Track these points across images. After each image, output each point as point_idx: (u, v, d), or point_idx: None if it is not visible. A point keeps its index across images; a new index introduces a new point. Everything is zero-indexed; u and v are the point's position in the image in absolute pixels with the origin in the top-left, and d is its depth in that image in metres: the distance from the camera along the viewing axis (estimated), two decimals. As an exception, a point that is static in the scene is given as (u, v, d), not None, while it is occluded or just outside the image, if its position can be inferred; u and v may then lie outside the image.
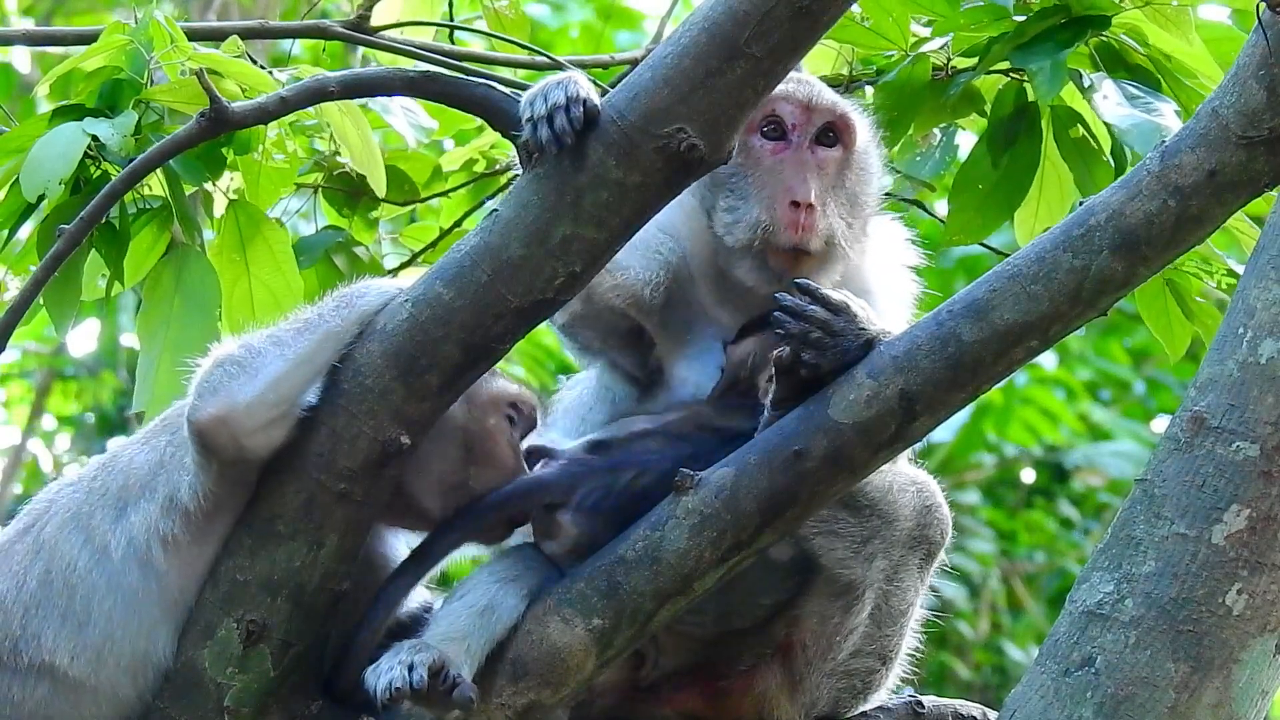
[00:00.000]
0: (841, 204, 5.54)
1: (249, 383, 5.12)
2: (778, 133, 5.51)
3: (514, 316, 5.15)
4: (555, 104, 5.05)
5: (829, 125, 5.55)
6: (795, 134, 5.52)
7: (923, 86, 6.19)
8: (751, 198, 5.50)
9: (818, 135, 5.55)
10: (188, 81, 5.79)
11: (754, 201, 5.49)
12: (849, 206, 5.56)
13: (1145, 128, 5.76)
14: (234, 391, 5.12)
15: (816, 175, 5.50)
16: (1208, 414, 4.96)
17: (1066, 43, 5.91)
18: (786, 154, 5.52)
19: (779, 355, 5.17)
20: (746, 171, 5.51)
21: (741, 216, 5.49)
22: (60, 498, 5.30)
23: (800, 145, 5.52)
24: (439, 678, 5.10)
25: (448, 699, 5.11)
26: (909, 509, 5.45)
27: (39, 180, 5.65)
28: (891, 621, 5.48)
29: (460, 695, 5.11)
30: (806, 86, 5.55)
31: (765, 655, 5.48)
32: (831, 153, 5.55)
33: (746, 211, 5.49)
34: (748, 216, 5.48)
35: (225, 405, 5.11)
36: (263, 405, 5.12)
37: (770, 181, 5.50)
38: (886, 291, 5.62)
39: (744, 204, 5.50)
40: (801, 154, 5.52)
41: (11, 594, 5.21)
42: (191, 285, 5.99)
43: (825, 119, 5.54)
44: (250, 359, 5.15)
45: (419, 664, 5.09)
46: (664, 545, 5.20)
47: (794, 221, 5.45)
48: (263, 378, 5.12)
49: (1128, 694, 4.92)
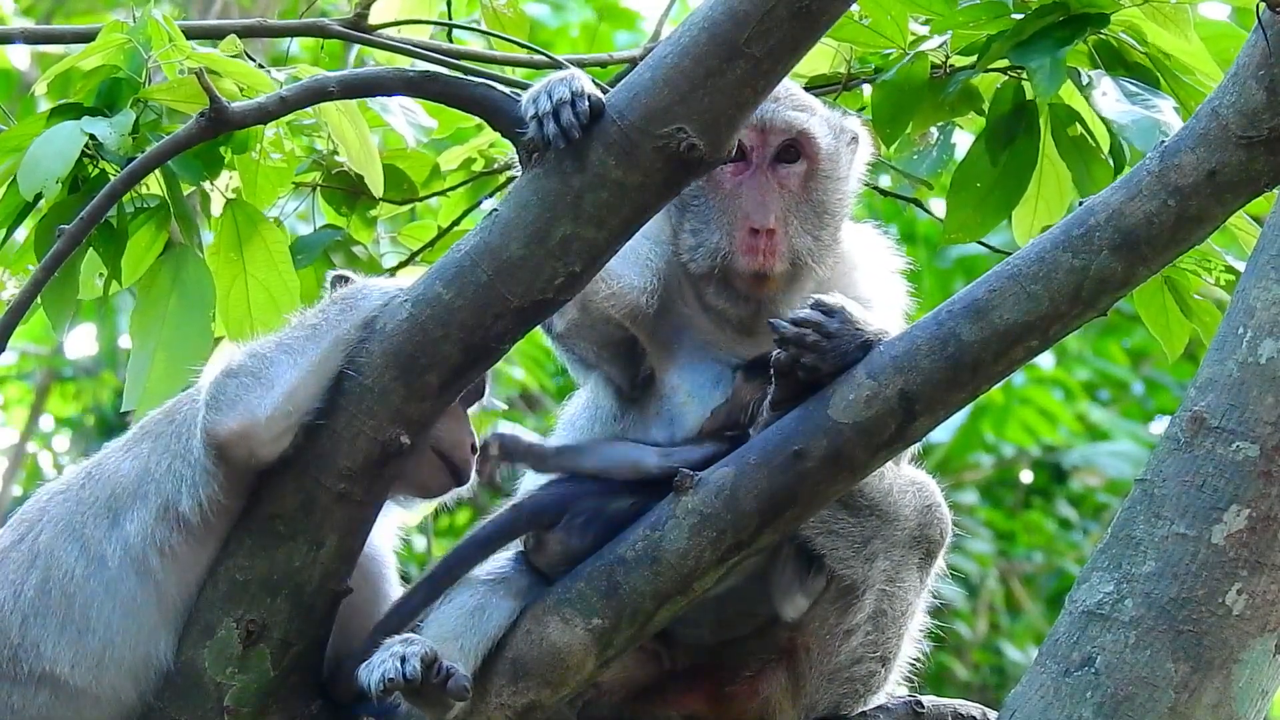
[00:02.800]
0: (806, 218, 5.50)
1: (266, 395, 5.13)
2: (737, 155, 5.41)
3: (514, 316, 5.14)
4: (560, 100, 5.05)
5: (787, 143, 5.50)
6: (754, 155, 5.47)
7: (921, 85, 6.17)
8: (712, 223, 5.47)
9: (777, 154, 5.49)
10: (186, 80, 5.78)
11: (714, 227, 5.46)
12: (816, 218, 5.52)
13: (1144, 124, 5.75)
14: (253, 405, 5.12)
15: (778, 196, 5.46)
16: (1208, 414, 4.95)
17: (1065, 40, 5.89)
18: (746, 176, 5.47)
19: (777, 357, 5.17)
20: (708, 196, 5.48)
21: (703, 241, 5.47)
22: (51, 507, 5.31)
23: (760, 166, 5.48)
24: (432, 669, 5.07)
25: (442, 691, 5.09)
26: (909, 509, 5.44)
27: (36, 179, 5.65)
28: (892, 623, 5.46)
29: (455, 685, 5.08)
30: (762, 106, 5.42)
31: (770, 659, 5.48)
32: (794, 168, 5.51)
33: (707, 236, 5.47)
34: (708, 242, 5.46)
35: (246, 419, 5.12)
36: (281, 416, 5.13)
37: (730, 206, 5.46)
38: (881, 298, 5.59)
39: (705, 228, 5.48)
40: (761, 176, 5.47)
41: (9, 603, 5.22)
42: (187, 285, 5.99)
43: (782, 138, 5.49)
44: (264, 370, 5.15)
45: (411, 656, 5.07)
46: (664, 545, 5.20)
47: (753, 247, 5.43)
48: (279, 389, 5.13)
49: (1127, 694, 4.92)
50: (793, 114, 5.51)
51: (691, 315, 5.57)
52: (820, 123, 5.55)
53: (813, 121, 5.53)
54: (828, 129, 5.56)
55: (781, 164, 5.50)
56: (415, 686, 5.06)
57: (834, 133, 5.58)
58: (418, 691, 5.10)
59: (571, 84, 5.06)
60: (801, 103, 5.57)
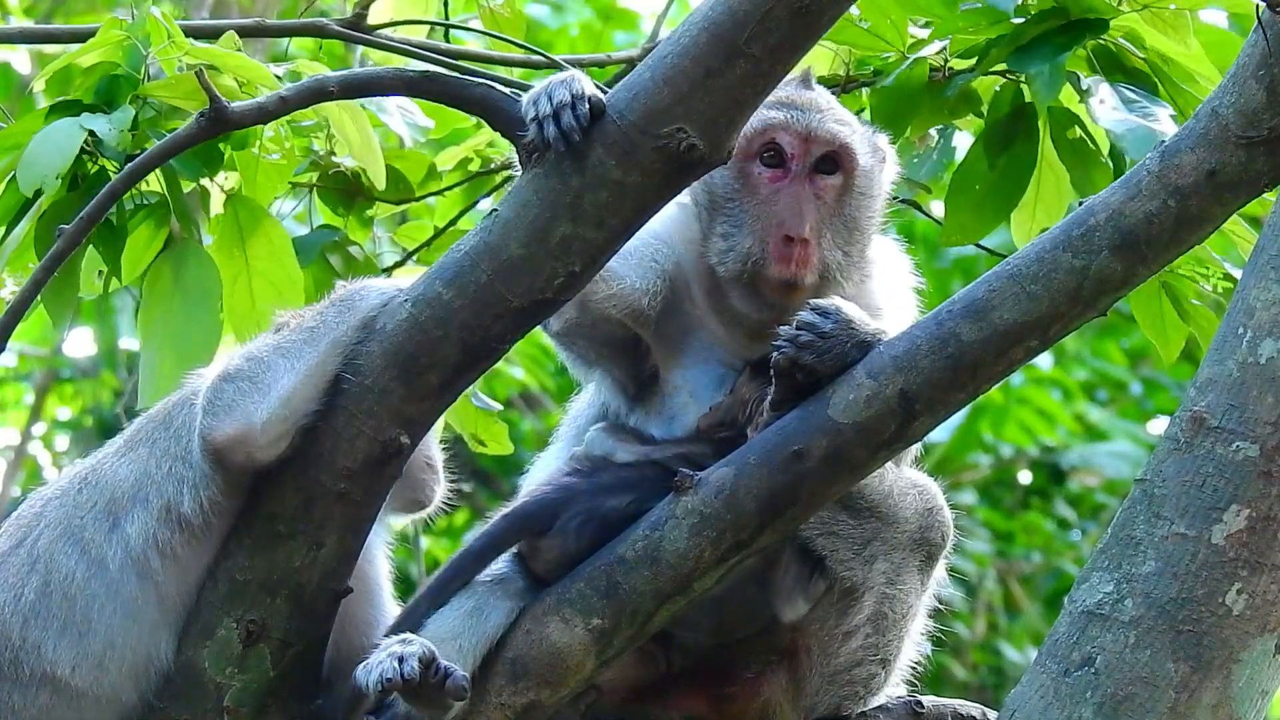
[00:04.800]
0: (839, 232, 5.49)
1: (263, 400, 5.13)
2: (776, 161, 5.44)
3: (514, 316, 5.14)
4: (561, 102, 5.04)
5: (828, 154, 5.49)
6: (794, 164, 5.46)
7: (920, 88, 6.18)
8: (746, 227, 5.46)
9: (816, 164, 5.48)
10: (185, 77, 5.78)
11: (748, 231, 5.45)
12: (847, 233, 5.51)
13: (1140, 133, 5.76)
14: (249, 411, 5.13)
15: (814, 206, 5.45)
16: (1208, 414, 4.95)
17: (1064, 47, 5.90)
18: (784, 184, 5.46)
19: (776, 358, 5.17)
20: (744, 199, 5.47)
21: (734, 245, 5.46)
22: (48, 511, 5.31)
23: (798, 175, 5.46)
24: (430, 669, 5.06)
25: (440, 691, 5.07)
26: (910, 511, 5.44)
27: (35, 175, 5.64)
28: (892, 625, 5.46)
29: (453, 684, 5.06)
30: (807, 115, 5.48)
31: (771, 660, 5.48)
32: (831, 180, 5.50)
33: (740, 240, 5.45)
34: (740, 246, 5.45)
35: (242, 425, 5.13)
36: (277, 421, 5.13)
37: (766, 212, 5.45)
38: (894, 312, 5.57)
39: (738, 232, 5.46)
40: (799, 184, 5.46)
41: (9, 606, 5.23)
42: (191, 280, 5.99)
43: (824, 149, 5.48)
44: (260, 374, 5.16)
45: (409, 656, 5.06)
46: (664, 545, 5.20)
47: (786, 256, 5.42)
48: (276, 394, 5.13)
49: (1127, 694, 4.92)
50: (836, 126, 5.50)
51: (700, 316, 5.57)
52: (861, 139, 5.56)
53: (855, 136, 5.53)
54: (867, 145, 5.57)
55: (819, 175, 5.49)
56: (413, 686, 5.05)
57: (871, 150, 5.58)
58: (416, 692, 5.09)
59: (572, 86, 5.06)
60: (843, 117, 5.57)
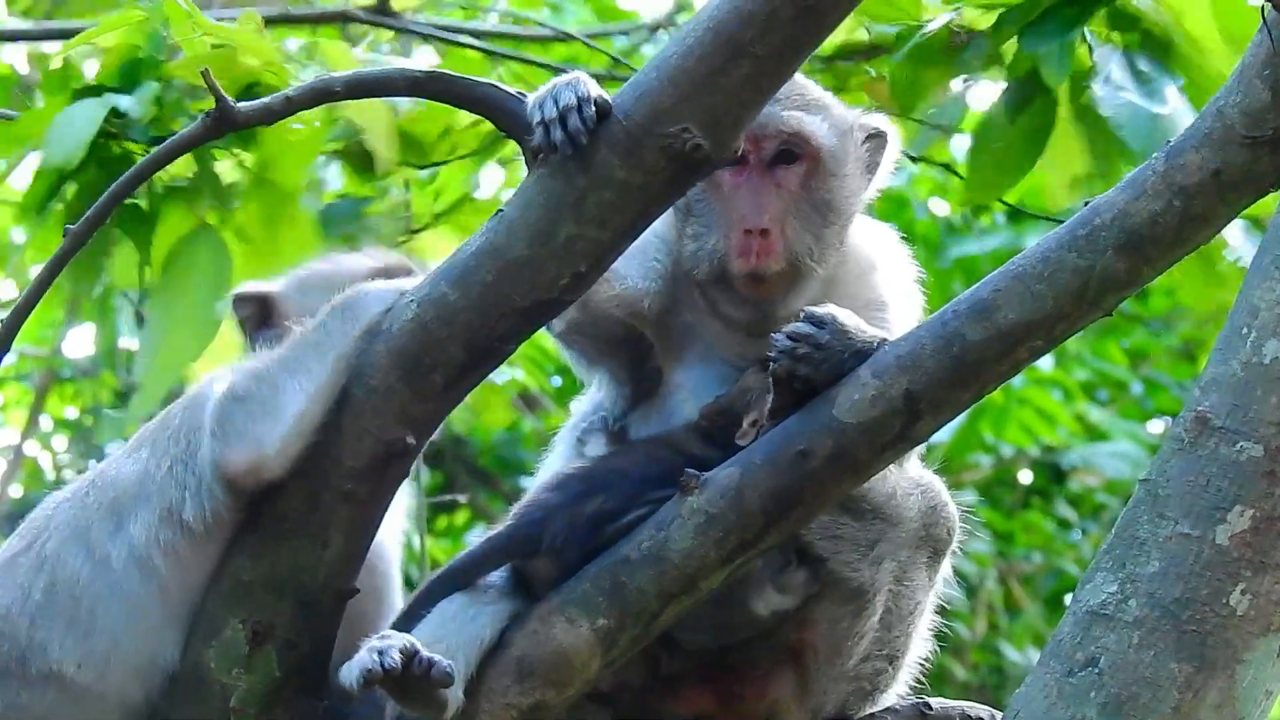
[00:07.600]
0: (808, 217, 5.47)
1: (275, 425, 5.14)
2: (736, 158, 5.41)
3: (518, 317, 5.14)
4: (567, 105, 5.04)
5: (784, 145, 5.48)
6: (751, 158, 5.45)
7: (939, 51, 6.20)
8: (712, 227, 5.46)
9: (776, 155, 5.48)
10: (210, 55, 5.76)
11: (714, 231, 5.45)
12: (820, 217, 5.49)
13: (1139, 121, 5.77)
14: (261, 437, 5.15)
15: (774, 196, 5.44)
16: (1211, 414, 4.95)
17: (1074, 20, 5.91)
18: (743, 179, 5.46)
19: (774, 368, 5.17)
20: (710, 200, 5.47)
21: (702, 245, 5.46)
22: (58, 514, 5.33)
23: (756, 168, 5.46)
24: (413, 661, 5.01)
25: (426, 680, 5.02)
26: (914, 511, 5.44)
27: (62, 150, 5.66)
28: (900, 622, 5.47)
29: (438, 672, 5.01)
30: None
31: (779, 660, 5.47)
32: (793, 169, 5.48)
33: (706, 240, 5.46)
34: (706, 246, 5.46)
35: (255, 453, 5.15)
36: (290, 445, 5.15)
37: (727, 209, 5.45)
38: (899, 304, 5.58)
39: (706, 232, 5.47)
40: (758, 178, 5.45)
41: (17, 606, 5.24)
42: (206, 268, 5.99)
43: (778, 142, 5.47)
44: (271, 396, 5.16)
45: (389, 649, 5.02)
46: (669, 545, 5.20)
47: (746, 248, 5.41)
48: (288, 417, 5.14)
49: (1131, 694, 4.92)
50: (789, 115, 5.48)
51: (702, 317, 5.56)
52: (819, 122, 5.51)
53: (809, 121, 5.50)
54: (829, 128, 5.52)
55: (780, 165, 5.48)
56: (396, 677, 5.00)
57: (838, 131, 5.54)
58: (402, 686, 5.04)
59: (578, 89, 5.05)
60: (803, 102, 5.54)
